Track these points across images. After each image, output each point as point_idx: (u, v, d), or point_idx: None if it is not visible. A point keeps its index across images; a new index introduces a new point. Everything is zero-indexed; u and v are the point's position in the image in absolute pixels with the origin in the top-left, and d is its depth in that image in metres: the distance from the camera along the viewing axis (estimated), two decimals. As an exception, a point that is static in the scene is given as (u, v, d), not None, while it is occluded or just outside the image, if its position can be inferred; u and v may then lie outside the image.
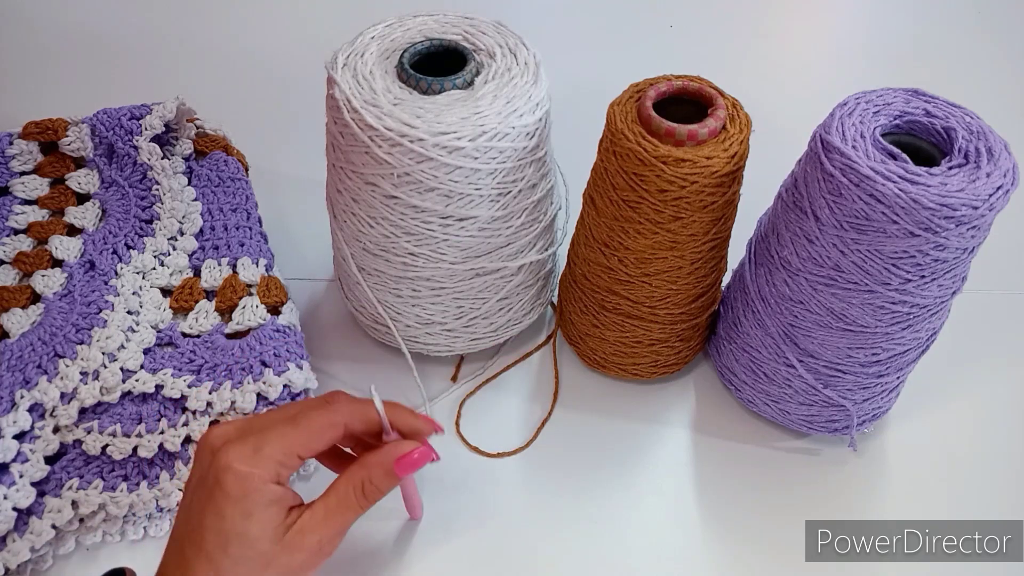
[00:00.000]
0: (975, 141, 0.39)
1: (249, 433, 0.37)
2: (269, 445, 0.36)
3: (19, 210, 0.56)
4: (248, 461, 0.35)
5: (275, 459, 0.36)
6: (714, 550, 0.47)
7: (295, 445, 0.37)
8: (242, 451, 0.36)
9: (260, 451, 0.36)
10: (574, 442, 0.51)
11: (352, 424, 0.39)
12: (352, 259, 0.50)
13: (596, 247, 0.47)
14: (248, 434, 0.37)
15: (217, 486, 0.35)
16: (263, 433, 0.37)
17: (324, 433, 0.38)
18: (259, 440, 0.36)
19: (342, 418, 0.38)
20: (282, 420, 0.38)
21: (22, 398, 0.45)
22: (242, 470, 0.35)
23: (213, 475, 0.35)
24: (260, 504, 0.35)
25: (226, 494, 0.35)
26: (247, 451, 0.36)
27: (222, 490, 0.35)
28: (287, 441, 0.36)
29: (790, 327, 0.45)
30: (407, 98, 0.43)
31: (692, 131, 0.41)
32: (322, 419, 0.38)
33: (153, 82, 0.77)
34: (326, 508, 0.37)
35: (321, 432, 0.38)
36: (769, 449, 0.51)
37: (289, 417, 0.38)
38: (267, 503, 0.35)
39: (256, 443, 0.36)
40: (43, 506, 0.43)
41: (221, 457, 0.35)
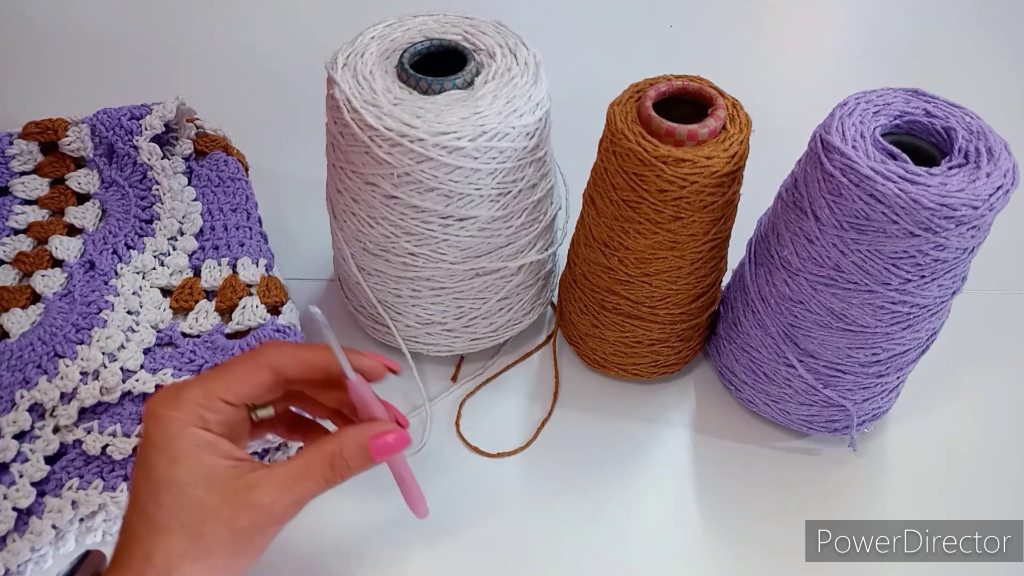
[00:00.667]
0: (975, 141, 0.39)
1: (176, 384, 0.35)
2: (189, 389, 0.34)
3: (19, 210, 0.56)
4: (167, 405, 0.33)
5: (195, 401, 0.34)
6: (714, 550, 0.47)
7: (216, 387, 0.34)
8: (162, 397, 0.34)
9: (179, 395, 0.34)
10: (574, 442, 0.51)
11: (283, 366, 0.36)
12: (352, 259, 0.50)
13: (596, 247, 0.47)
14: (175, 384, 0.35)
15: (144, 437, 0.33)
16: (187, 382, 0.35)
17: (248, 375, 0.35)
18: (180, 386, 0.35)
19: (268, 359, 0.36)
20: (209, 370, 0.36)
21: (22, 398, 0.45)
22: (162, 414, 0.33)
23: (142, 428, 0.34)
24: (186, 449, 0.33)
25: (150, 441, 0.33)
26: (167, 396, 0.34)
27: (147, 438, 0.33)
28: (208, 384, 0.34)
29: (790, 327, 0.45)
30: (407, 98, 0.43)
31: (692, 131, 0.41)
32: (245, 361, 0.36)
33: (153, 82, 0.77)
34: (287, 471, 0.35)
35: (244, 374, 0.35)
36: (769, 449, 0.51)
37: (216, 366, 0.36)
38: (194, 447, 0.33)
39: (176, 388, 0.34)
40: (43, 506, 0.43)
41: (146, 407, 0.34)
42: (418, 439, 0.51)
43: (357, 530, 0.47)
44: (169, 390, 0.35)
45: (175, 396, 0.34)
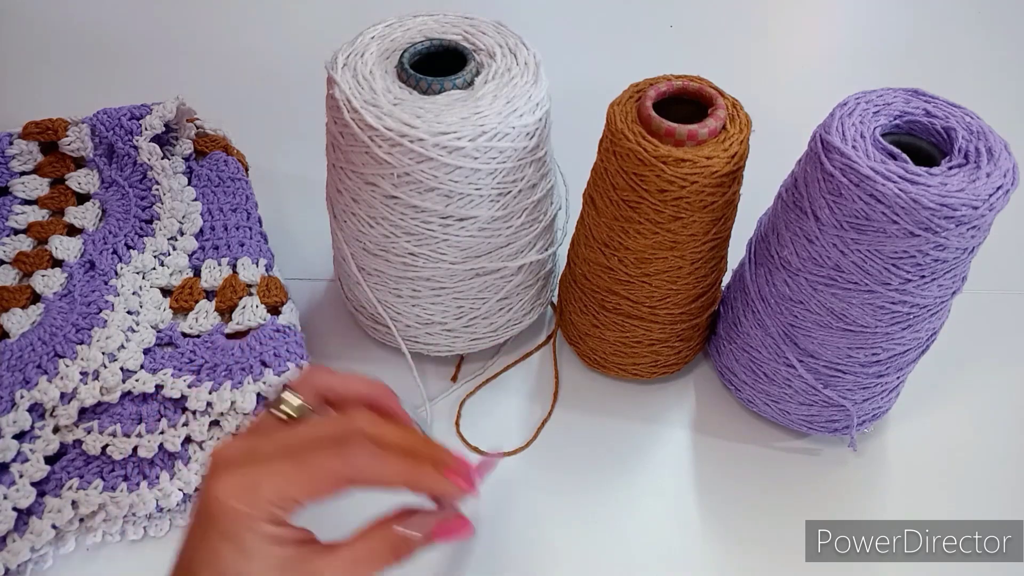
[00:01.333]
0: (975, 141, 0.39)
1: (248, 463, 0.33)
2: (265, 485, 0.32)
3: (19, 210, 0.56)
4: (241, 499, 0.32)
5: (270, 501, 0.32)
6: (714, 550, 0.47)
7: (293, 490, 0.32)
8: (236, 486, 0.32)
9: (255, 490, 0.32)
10: (574, 442, 0.51)
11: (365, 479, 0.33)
12: (352, 259, 0.50)
13: (596, 247, 0.47)
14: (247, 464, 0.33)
15: (210, 522, 0.32)
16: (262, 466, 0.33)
17: (329, 485, 0.33)
18: (256, 476, 0.32)
19: (353, 472, 0.33)
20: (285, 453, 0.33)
21: (22, 398, 0.45)
22: (233, 507, 0.32)
23: (205, 507, 0.32)
24: (257, 543, 0.32)
25: (220, 531, 0.32)
26: (242, 487, 0.32)
27: (215, 527, 0.32)
28: (286, 483, 0.32)
29: (790, 327, 0.45)
30: (407, 98, 0.43)
31: (692, 131, 0.41)
32: (330, 466, 0.33)
33: (153, 82, 0.77)
34: (353, 555, 0.34)
35: (325, 482, 0.33)
36: (769, 449, 0.51)
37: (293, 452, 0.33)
38: (266, 542, 0.32)
39: (253, 479, 0.32)
40: (43, 506, 0.43)
41: (213, 488, 0.32)
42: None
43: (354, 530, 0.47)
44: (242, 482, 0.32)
45: (250, 492, 0.32)
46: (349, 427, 0.34)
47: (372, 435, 0.34)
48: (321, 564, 0.33)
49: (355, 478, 0.33)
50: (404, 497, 0.36)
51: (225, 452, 0.33)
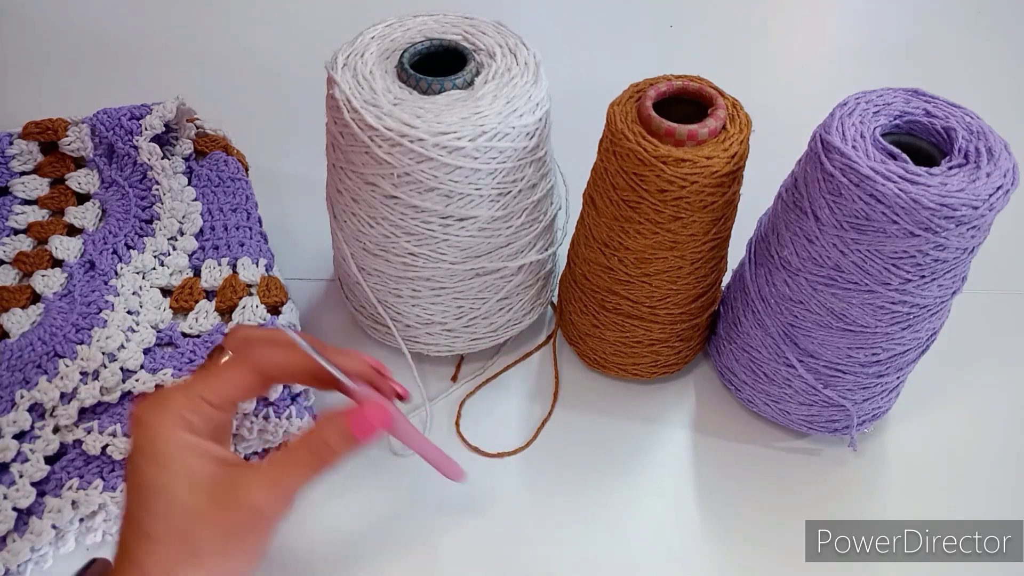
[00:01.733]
0: (975, 141, 0.39)
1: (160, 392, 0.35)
2: (173, 395, 0.34)
3: (19, 210, 0.56)
4: (152, 411, 0.34)
5: (179, 405, 0.34)
6: (714, 550, 0.47)
7: (200, 390, 0.34)
8: (148, 403, 0.34)
9: (164, 400, 0.34)
10: (574, 442, 0.51)
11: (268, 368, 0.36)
12: (352, 259, 0.50)
13: (596, 247, 0.47)
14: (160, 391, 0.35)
15: (132, 445, 0.33)
16: (172, 387, 0.35)
17: (232, 377, 0.35)
18: (164, 391, 0.35)
19: (253, 361, 0.36)
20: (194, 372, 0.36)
21: (22, 398, 0.45)
22: (147, 419, 0.33)
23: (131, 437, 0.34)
24: (172, 454, 0.33)
25: (137, 447, 0.33)
26: (152, 402, 0.34)
27: (134, 445, 0.33)
28: (191, 387, 0.35)
29: (790, 327, 0.45)
30: (407, 98, 0.43)
31: (692, 131, 0.41)
32: (233, 366, 0.36)
33: (153, 82, 0.77)
34: (272, 465, 0.34)
35: (229, 376, 0.35)
36: (769, 449, 0.51)
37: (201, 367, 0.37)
38: (181, 452, 0.33)
39: (161, 394, 0.35)
40: (43, 506, 0.43)
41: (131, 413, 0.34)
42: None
43: (356, 530, 0.47)
44: (154, 396, 0.35)
45: (160, 402, 0.34)
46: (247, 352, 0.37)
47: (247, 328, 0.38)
48: (241, 478, 0.34)
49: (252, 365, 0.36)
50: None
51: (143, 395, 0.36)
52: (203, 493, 0.32)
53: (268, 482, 0.34)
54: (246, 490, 0.33)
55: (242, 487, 0.33)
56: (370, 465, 0.50)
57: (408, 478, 0.49)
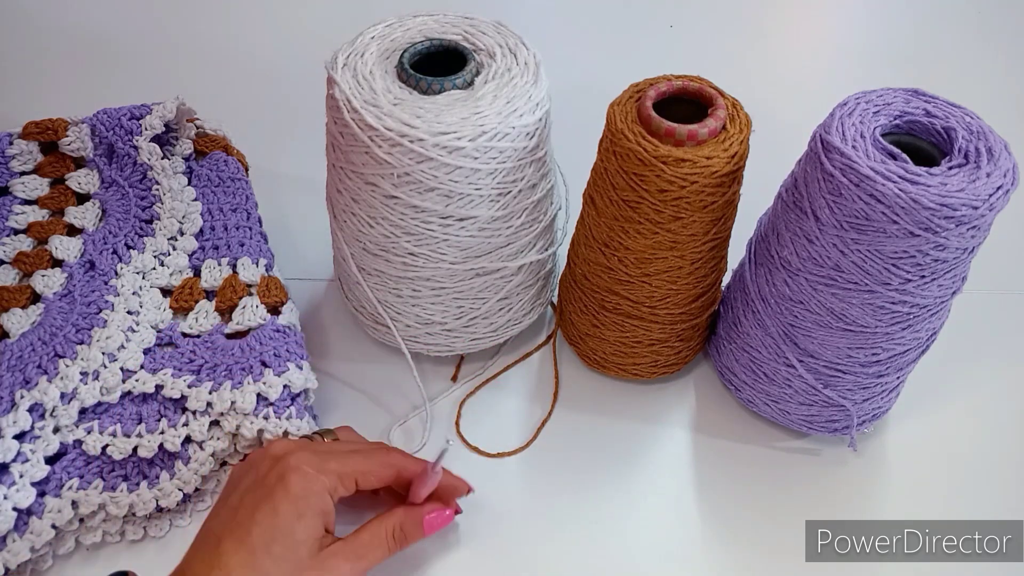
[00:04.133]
0: (975, 141, 0.39)
1: (314, 450, 0.41)
2: (335, 461, 0.40)
3: (19, 210, 0.56)
4: (315, 466, 0.39)
5: (337, 473, 0.39)
6: (714, 550, 0.47)
7: (357, 470, 0.40)
8: (311, 459, 0.39)
9: (326, 463, 0.39)
10: (574, 442, 0.51)
11: (405, 472, 0.42)
12: (352, 259, 0.50)
13: (596, 247, 0.47)
14: (314, 450, 0.41)
15: (280, 484, 0.37)
16: (329, 452, 0.41)
17: (384, 470, 0.41)
18: (326, 455, 0.40)
19: (399, 463, 0.42)
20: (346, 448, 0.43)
21: (22, 398, 0.45)
22: (309, 472, 0.38)
23: (277, 474, 0.38)
24: (312, 510, 0.37)
25: (287, 491, 0.37)
26: (315, 459, 0.39)
27: (284, 487, 0.37)
28: (351, 464, 0.40)
29: (790, 327, 0.45)
30: (407, 98, 0.43)
31: (692, 131, 0.41)
32: (384, 457, 0.42)
33: (153, 82, 0.77)
34: (359, 542, 0.40)
35: (382, 468, 0.41)
36: (769, 449, 0.51)
37: (353, 448, 0.43)
38: (318, 511, 0.38)
39: (323, 457, 0.40)
40: (43, 506, 0.43)
41: (290, 460, 0.39)
42: (418, 439, 0.51)
43: (357, 530, 0.47)
44: (314, 451, 0.40)
45: (322, 463, 0.39)
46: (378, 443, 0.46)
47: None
48: (335, 548, 0.39)
49: (398, 467, 0.42)
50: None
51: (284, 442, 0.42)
52: (312, 554, 0.37)
53: (354, 555, 0.39)
54: (337, 559, 0.38)
55: (335, 556, 0.38)
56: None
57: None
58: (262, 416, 0.45)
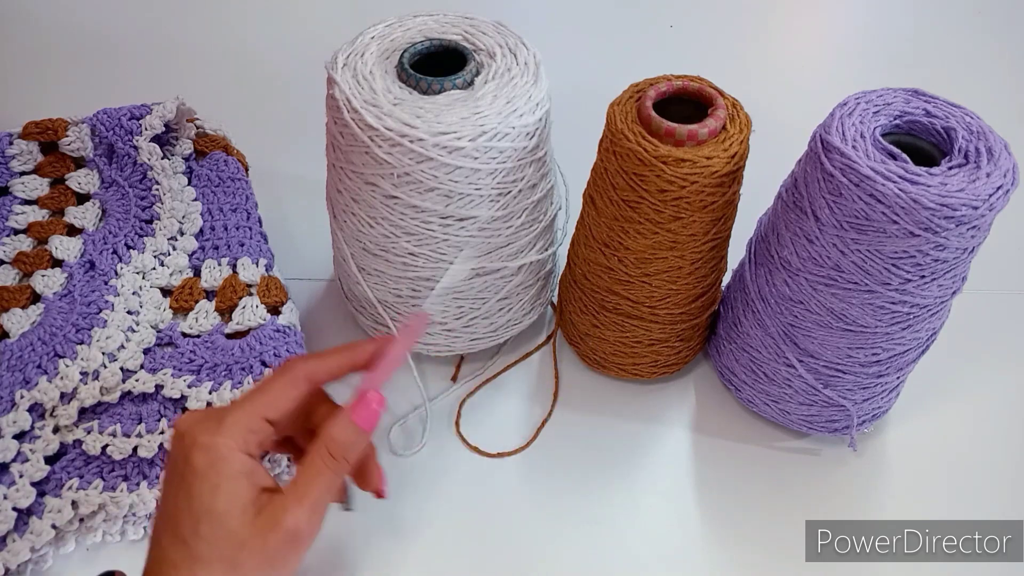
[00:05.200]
0: (975, 141, 0.39)
1: (210, 413, 0.36)
2: (231, 414, 0.35)
3: (19, 210, 0.56)
4: (212, 432, 0.34)
5: (239, 424, 0.34)
6: (714, 550, 0.47)
7: (257, 407, 0.35)
8: (206, 425, 0.34)
9: (223, 421, 0.34)
10: (574, 442, 0.51)
11: (315, 374, 0.37)
12: (352, 259, 0.50)
13: (596, 247, 0.47)
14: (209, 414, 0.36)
15: (186, 465, 0.34)
16: (226, 407, 0.36)
17: (287, 390, 0.36)
18: (221, 412, 0.35)
19: (301, 372, 0.36)
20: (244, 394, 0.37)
21: (22, 398, 0.45)
22: (206, 441, 0.34)
23: (182, 456, 0.34)
24: (226, 475, 0.34)
25: (194, 470, 0.33)
26: (211, 424, 0.34)
27: (190, 467, 0.34)
28: (248, 406, 0.35)
29: (790, 327, 0.45)
30: (407, 98, 0.43)
31: (692, 131, 0.40)
32: (280, 378, 0.36)
33: (153, 82, 0.77)
34: (296, 483, 0.35)
35: (283, 389, 0.36)
36: (769, 449, 0.51)
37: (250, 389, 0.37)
38: (234, 474, 0.34)
39: (219, 415, 0.35)
40: (43, 506, 0.43)
41: (187, 436, 0.34)
42: (418, 439, 0.51)
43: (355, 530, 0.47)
44: (209, 415, 0.35)
45: (219, 421, 0.34)
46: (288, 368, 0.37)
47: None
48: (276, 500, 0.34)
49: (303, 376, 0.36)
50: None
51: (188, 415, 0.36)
52: (249, 519, 0.33)
53: (299, 501, 0.34)
54: (283, 514, 0.34)
55: (279, 511, 0.34)
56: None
57: (408, 478, 0.49)
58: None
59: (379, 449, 0.50)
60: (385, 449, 0.50)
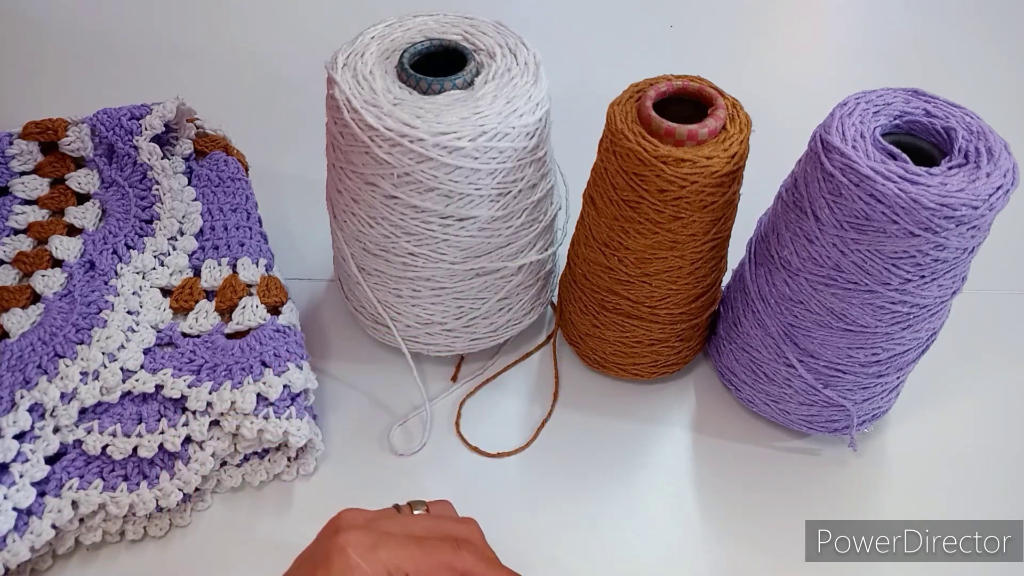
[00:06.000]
0: (975, 141, 0.39)
1: (376, 528, 0.37)
2: (387, 549, 0.36)
3: (19, 210, 0.56)
4: (362, 553, 0.36)
5: (386, 563, 0.36)
6: (714, 550, 0.47)
7: (409, 563, 0.36)
8: (361, 541, 0.36)
9: (376, 550, 0.36)
10: (574, 442, 0.51)
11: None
12: (352, 259, 0.50)
13: (596, 247, 0.47)
14: (372, 529, 0.37)
15: (324, 562, 0.35)
16: (388, 535, 0.37)
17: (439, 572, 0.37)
18: (381, 539, 0.36)
19: (462, 567, 0.38)
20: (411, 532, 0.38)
21: (22, 398, 0.45)
22: (353, 559, 0.35)
23: (325, 551, 0.36)
24: None
25: (328, 569, 0.35)
26: (365, 543, 0.36)
27: (327, 567, 0.35)
28: (405, 555, 0.36)
29: (790, 327, 0.45)
30: (407, 98, 0.43)
31: (692, 131, 0.41)
32: (443, 555, 0.37)
33: (153, 82, 0.77)
34: None
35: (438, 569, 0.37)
36: (769, 449, 0.51)
37: (418, 535, 0.38)
38: None
39: (377, 541, 0.36)
40: (43, 506, 0.43)
41: (340, 537, 0.36)
42: (418, 439, 0.51)
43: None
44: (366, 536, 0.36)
45: (372, 549, 0.36)
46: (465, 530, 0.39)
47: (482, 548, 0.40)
48: None
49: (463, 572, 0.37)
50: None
51: (354, 514, 0.38)
52: None
53: None
54: None
55: None
56: (370, 465, 0.50)
57: (408, 478, 0.49)
58: (262, 416, 0.46)
59: (379, 449, 0.50)
60: (385, 449, 0.50)
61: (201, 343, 0.49)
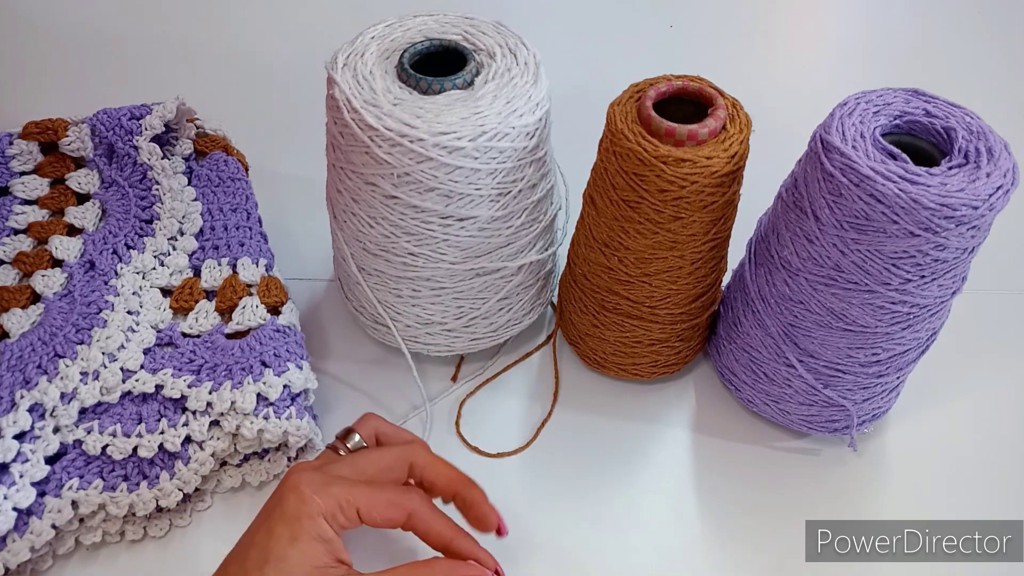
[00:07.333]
0: (975, 141, 0.39)
1: (328, 471, 0.38)
2: (339, 485, 0.37)
3: (19, 210, 0.56)
4: (314, 487, 0.36)
5: (338, 499, 0.36)
6: (714, 550, 0.47)
7: (360, 500, 0.37)
8: (312, 478, 0.36)
9: (328, 485, 0.36)
10: (574, 442, 0.51)
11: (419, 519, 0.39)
12: (352, 259, 0.50)
13: (596, 247, 0.47)
14: (325, 471, 0.38)
15: (278, 504, 0.36)
16: (339, 475, 0.38)
17: (389, 509, 0.38)
18: (332, 477, 0.37)
19: (412, 507, 0.38)
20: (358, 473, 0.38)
21: (22, 398, 0.45)
22: (305, 492, 0.36)
23: (278, 495, 0.36)
24: (309, 533, 0.35)
25: (283, 512, 0.35)
26: (317, 480, 0.36)
27: (280, 507, 0.35)
28: (356, 492, 0.37)
29: (790, 327, 0.45)
30: (407, 98, 0.43)
31: (692, 131, 0.41)
32: (395, 496, 0.38)
33: (153, 82, 0.77)
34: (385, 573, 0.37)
35: (387, 506, 0.38)
36: (769, 449, 0.51)
37: (368, 476, 0.39)
38: (315, 536, 0.35)
39: (328, 478, 0.37)
40: (43, 506, 0.43)
41: (293, 478, 0.36)
42: (418, 439, 0.51)
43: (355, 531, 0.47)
44: (319, 475, 0.37)
45: (323, 484, 0.36)
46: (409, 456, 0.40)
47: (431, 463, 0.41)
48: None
49: (412, 513, 0.38)
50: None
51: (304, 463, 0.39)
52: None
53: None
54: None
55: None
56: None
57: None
58: (262, 416, 0.46)
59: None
60: (385, 449, 0.50)
61: (201, 343, 0.49)
